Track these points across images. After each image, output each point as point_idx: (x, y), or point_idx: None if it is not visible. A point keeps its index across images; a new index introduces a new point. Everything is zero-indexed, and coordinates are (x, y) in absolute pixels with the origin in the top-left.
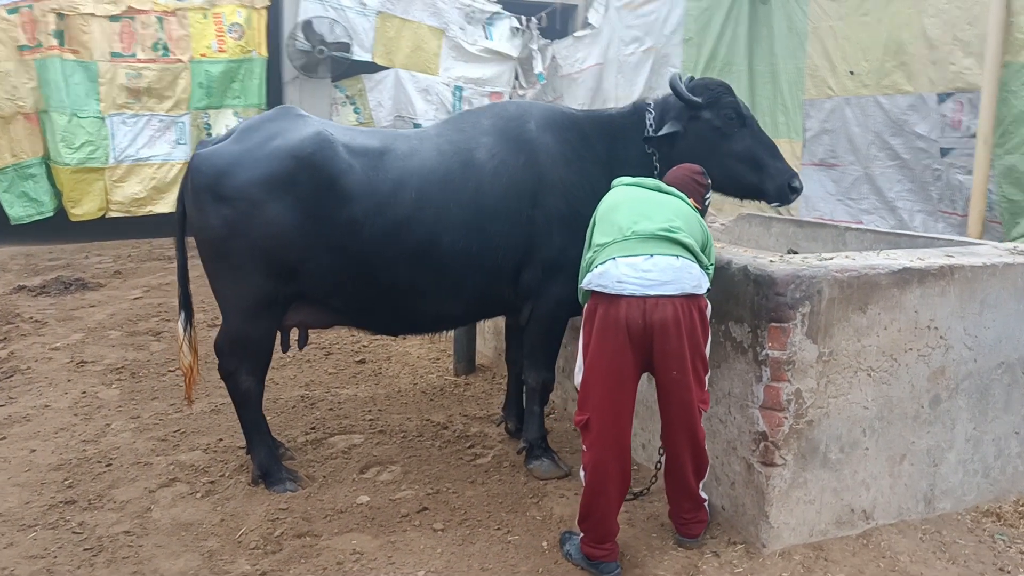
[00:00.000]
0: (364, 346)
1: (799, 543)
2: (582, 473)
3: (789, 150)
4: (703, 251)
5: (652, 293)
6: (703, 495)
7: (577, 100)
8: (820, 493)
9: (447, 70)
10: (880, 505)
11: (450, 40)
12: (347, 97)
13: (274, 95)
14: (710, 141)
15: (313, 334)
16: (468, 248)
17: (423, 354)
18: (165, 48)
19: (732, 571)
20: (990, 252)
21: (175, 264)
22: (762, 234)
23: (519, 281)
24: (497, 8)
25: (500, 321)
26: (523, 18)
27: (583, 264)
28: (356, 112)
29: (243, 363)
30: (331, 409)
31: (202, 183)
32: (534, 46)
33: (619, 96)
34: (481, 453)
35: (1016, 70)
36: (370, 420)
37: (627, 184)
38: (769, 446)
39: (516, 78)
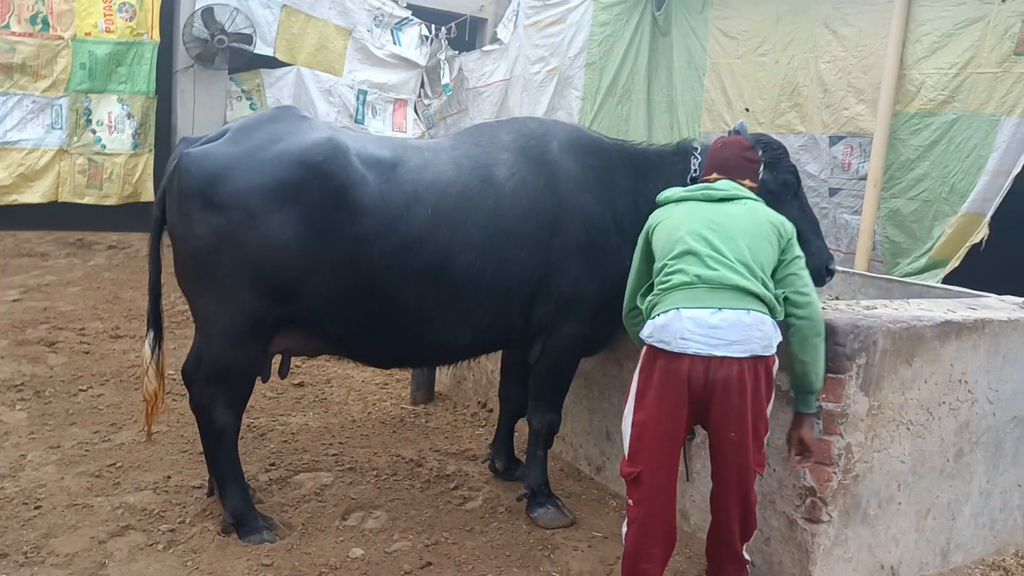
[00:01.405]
0: (298, 366)
1: None
2: (625, 529)
3: None
4: (782, 259)
5: (718, 354)
6: (747, 556)
7: (482, 114)
8: (857, 551)
9: (352, 72)
10: (905, 561)
11: (357, 42)
12: (243, 91)
13: (164, 83)
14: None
15: None
16: (483, 271)
17: (367, 378)
18: (45, 22)
19: None
20: (1002, 306)
21: (47, 263)
22: None
23: (531, 315)
24: (407, 14)
25: None
26: (433, 27)
27: (635, 299)
28: (252, 108)
29: (221, 395)
30: (285, 442)
31: (192, 187)
32: (442, 56)
33: (523, 113)
34: (469, 496)
35: (905, 119)
36: (334, 455)
37: (685, 199)
38: (816, 502)
39: (422, 87)
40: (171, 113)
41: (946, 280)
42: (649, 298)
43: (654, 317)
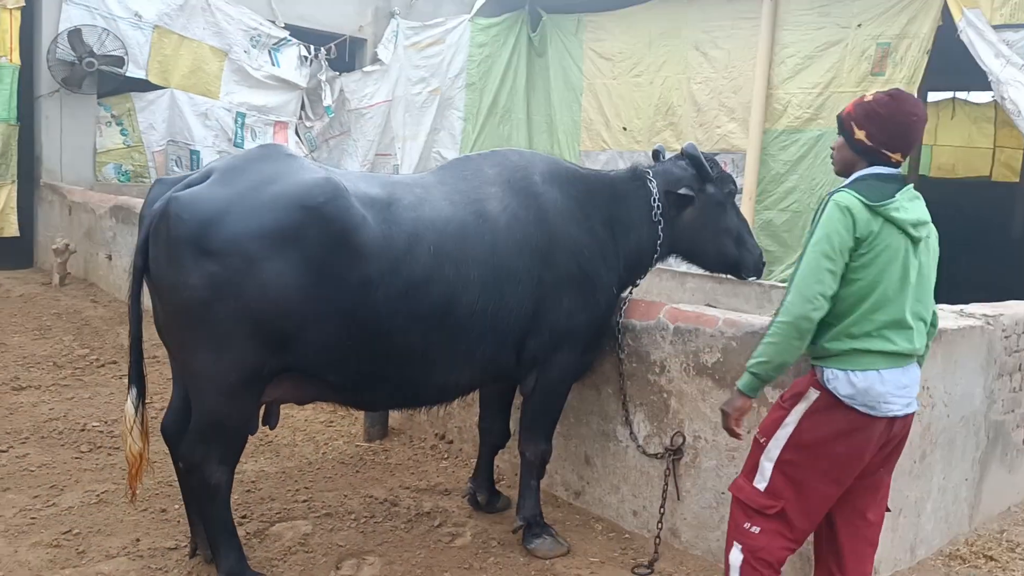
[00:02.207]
0: None
1: None
2: (739, 557)
3: None
4: None
5: (909, 411)
6: None
7: (366, 136)
8: None
9: (229, 94)
10: (884, 559)
11: (233, 63)
12: (113, 117)
13: (27, 110)
14: (711, 214)
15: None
16: (485, 309)
17: (309, 416)
18: None
19: None
20: (945, 315)
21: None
22: (675, 288)
23: (524, 348)
24: (285, 35)
25: None
26: (312, 47)
27: (824, 305)
28: (123, 134)
29: (215, 451)
30: (248, 491)
31: (183, 233)
32: (323, 77)
33: (406, 135)
34: (456, 532)
35: (774, 136)
36: (304, 502)
37: (901, 227)
38: None
39: (303, 108)
40: (35, 142)
41: None
42: (838, 341)
43: (848, 371)
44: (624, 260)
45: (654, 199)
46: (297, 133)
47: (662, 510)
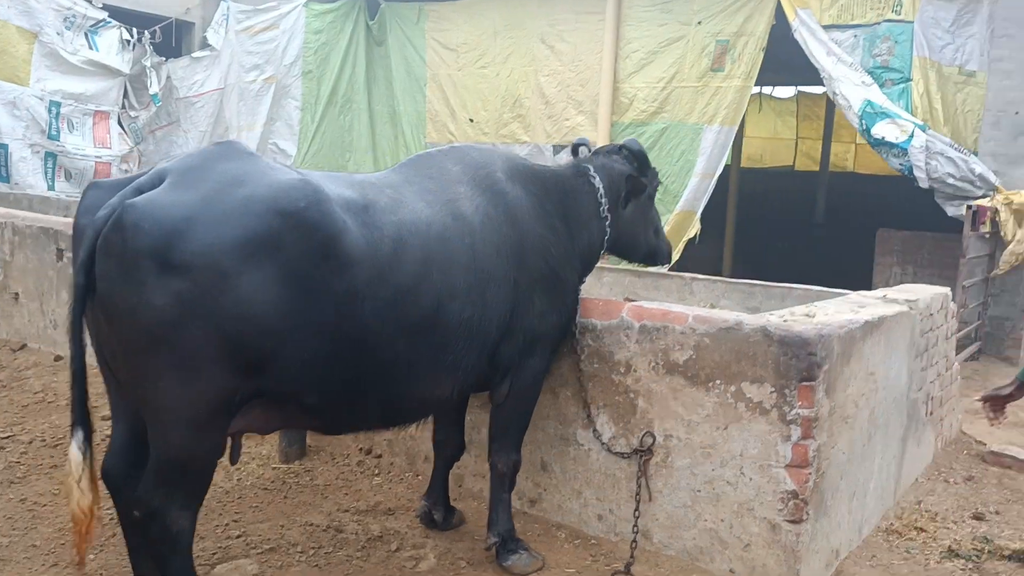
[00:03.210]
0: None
1: None
2: None
3: None
4: None
5: None
6: None
7: (198, 127)
8: (822, 541)
9: (40, 81)
10: (843, 541)
11: (44, 46)
12: None
13: None
14: (644, 208)
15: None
16: (471, 317)
17: None
18: None
19: None
20: (874, 302)
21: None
22: (591, 282)
23: (498, 355)
24: (103, 15)
25: None
26: (135, 31)
27: None
28: None
29: (177, 494)
30: None
31: (144, 246)
32: (148, 63)
33: (241, 125)
34: (418, 556)
35: (621, 128)
36: (238, 536)
37: None
38: (799, 503)
39: (126, 97)
40: None
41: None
42: None
43: None
44: (580, 257)
45: (600, 194)
46: (120, 124)
47: (636, 513)
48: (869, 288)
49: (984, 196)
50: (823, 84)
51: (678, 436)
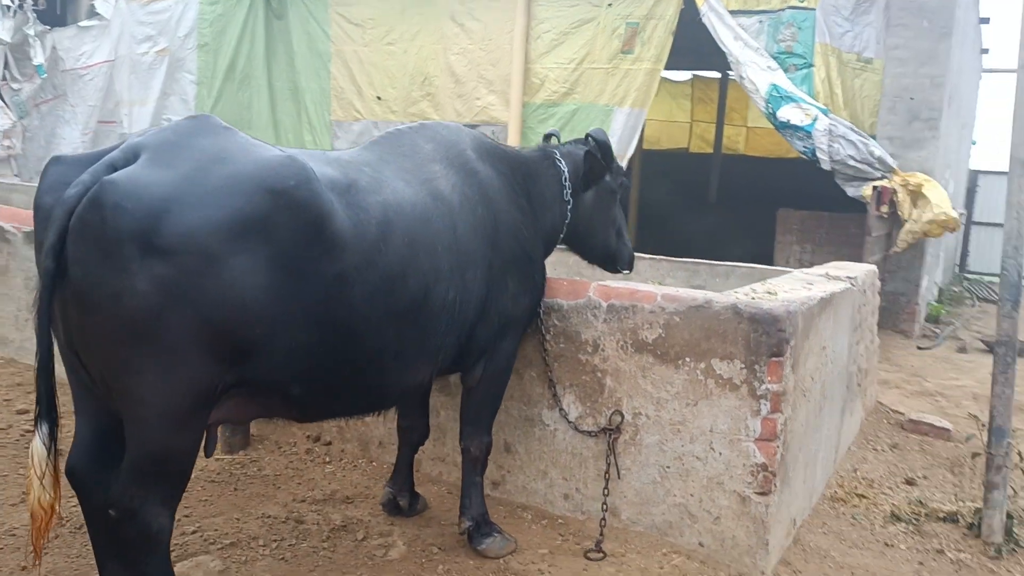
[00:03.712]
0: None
1: (776, 562)
2: None
3: None
4: None
5: None
6: None
7: (86, 101)
8: (784, 511)
9: None
10: (798, 510)
11: None
12: None
13: None
14: (604, 203)
15: None
16: (454, 299)
17: None
18: None
19: None
20: (817, 278)
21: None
22: None
23: (472, 338)
24: None
25: None
26: None
27: None
28: None
29: (156, 492)
30: None
31: (126, 227)
32: (30, 32)
33: (133, 99)
34: (388, 543)
35: (533, 109)
36: (193, 532)
37: None
38: (768, 476)
39: (7, 67)
40: None
41: None
42: None
43: None
44: (544, 239)
45: (564, 178)
46: (1, 96)
47: (606, 491)
48: (771, 264)
49: (882, 178)
50: (730, 69)
51: (647, 414)
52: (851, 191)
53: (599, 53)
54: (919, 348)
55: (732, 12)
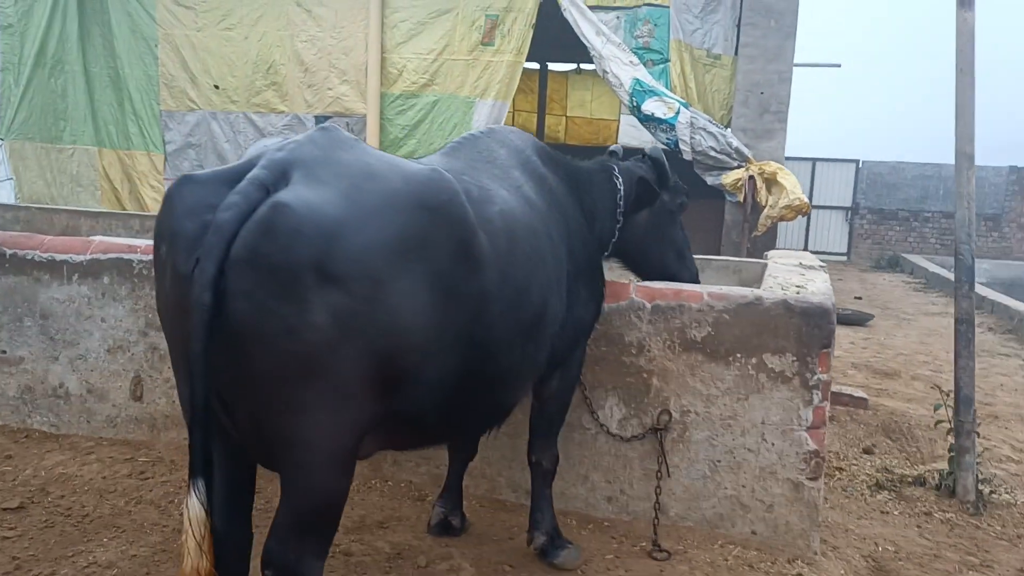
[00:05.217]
0: None
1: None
2: None
3: (149, 163)
4: None
5: None
6: None
7: None
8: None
9: None
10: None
11: None
12: None
13: None
14: (661, 223)
15: None
16: (556, 310)
17: (95, 473)
18: None
19: None
20: (801, 266)
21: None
22: None
23: (554, 348)
24: None
25: None
26: None
27: None
28: None
29: (313, 544)
30: None
31: (305, 255)
32: None
33: None
34: (455, 567)
35: (391, 100)
36: None
37: None
38: (820, 461)
39: None
40: None
41: None
42: None
43: None
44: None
45: (620, 197)
46: None
47: (658, 490)
48: None
49: (739, 167)
50: (592, 62)
51: (695, 411)
52: (710, 180)
53: (459, 44)
54: None
55: (591, 7)
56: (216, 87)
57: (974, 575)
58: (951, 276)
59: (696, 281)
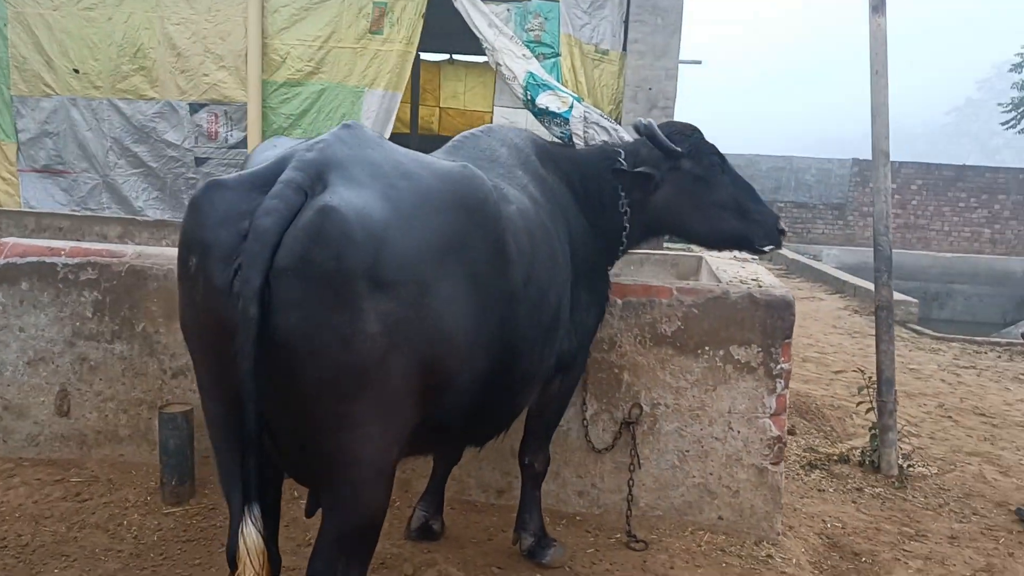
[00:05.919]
0: None
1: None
2: None
3: (0, 154)
4: None
5: None
6: None
7: None
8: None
9: None
10: None
11: None
12: None
13: None
14: (694, 192)
15: None
16: (567, 314)
17: (32, 494)
18: None
19: (796, 564)
20: (736, 261)
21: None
22: None
23: (559, 351)
24: None
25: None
26: None
27: None
28: None
29: (357, 561)
30: None
31: (358, 262)
32: None
33: None
34: (444, 573)
35: (274, 88)
36: None
37: None
38: (782, 446)
39: None
40: None
41: None
42: None
43: None
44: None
45: (620, 188)
46: None
47: (630, 482)
48: None
49: None
50: (485, 54)
51: (666, 403)
52: None
53: (346, 32)
54: None
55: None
56: (76, 71)
57: (916, 545)
58: (809, 262)
59: (773, 232)
